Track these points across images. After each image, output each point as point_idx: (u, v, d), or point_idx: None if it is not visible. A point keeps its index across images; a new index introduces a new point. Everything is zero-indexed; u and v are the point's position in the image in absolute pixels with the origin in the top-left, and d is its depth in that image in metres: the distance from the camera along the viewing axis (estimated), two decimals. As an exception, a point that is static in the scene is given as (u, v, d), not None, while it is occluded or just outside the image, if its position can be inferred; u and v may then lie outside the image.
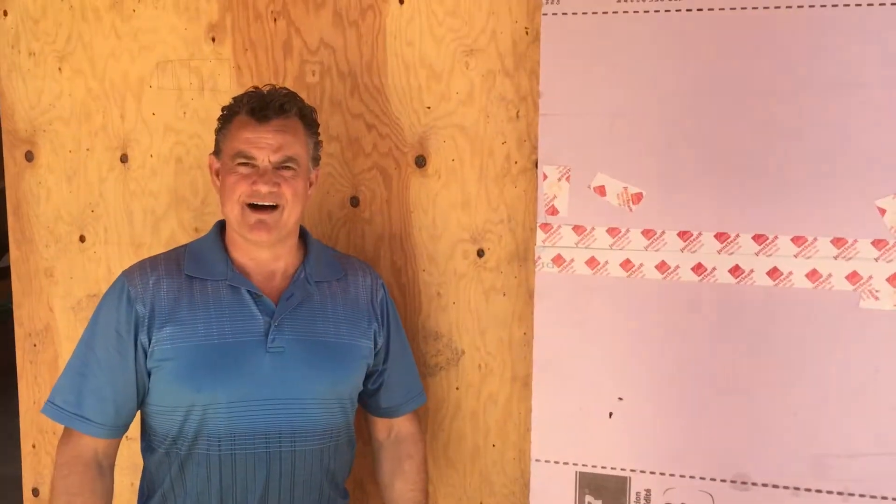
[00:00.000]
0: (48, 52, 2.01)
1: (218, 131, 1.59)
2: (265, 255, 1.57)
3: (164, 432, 1.53)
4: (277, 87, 1.56)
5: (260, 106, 1.52)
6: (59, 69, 2.01)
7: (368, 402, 1.71)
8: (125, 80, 1.97)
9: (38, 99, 2.03)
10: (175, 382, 1.49)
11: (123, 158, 1.99)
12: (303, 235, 1.65)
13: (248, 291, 1.54)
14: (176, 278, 1.54)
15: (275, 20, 1.87)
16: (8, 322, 5.08)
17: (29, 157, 2.05)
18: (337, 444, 1.60)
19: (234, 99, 1.58)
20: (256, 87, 1.57)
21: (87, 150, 2.01)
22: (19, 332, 2.12)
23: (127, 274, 1.57)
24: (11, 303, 5.28)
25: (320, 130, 1.64)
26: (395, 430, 1.75)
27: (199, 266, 1.56)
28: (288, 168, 1.53)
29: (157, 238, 1.99)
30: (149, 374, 1.52)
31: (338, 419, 1.59)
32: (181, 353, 1.49)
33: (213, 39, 1.91)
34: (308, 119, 1.59)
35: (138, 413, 1.59)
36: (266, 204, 1.50)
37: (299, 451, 1.54)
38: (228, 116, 1.57)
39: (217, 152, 1.59)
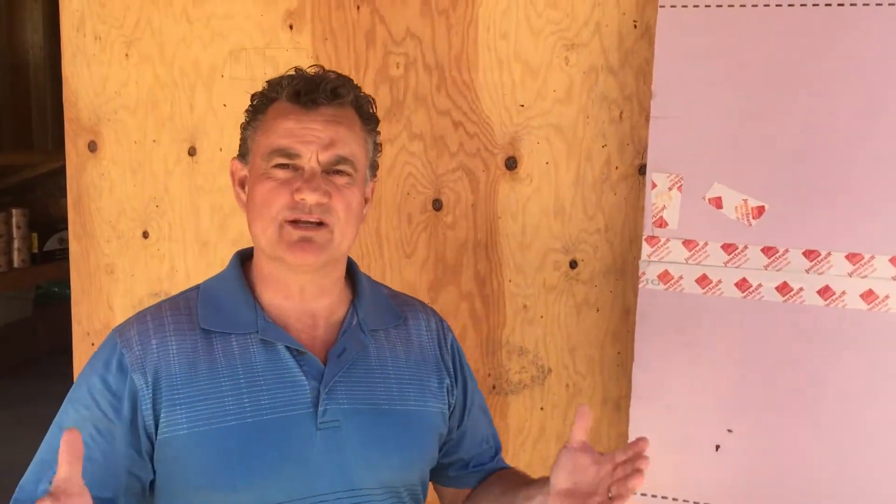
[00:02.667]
0: (115, 36, 1.90)
1: (245, 126, 1.21)
2: (309, 287, 1.18)
3: None
4: (326, 69, 1.20)
5: (307, 88, 1.14)
6: (126, 55, 1.90)
7: (445, 473, 1.34)
8: (196, 69, 1.85)
9: (102, 86, 1.92)
10: (198, 480, 1.10)
11: (191, 151, 1.88)
12: (349, 269, 1.26)
13: (287, 347, 1.15)
14: (189, 335, 1.15)
15: (358, 7, 1.74)
16: (49, 305, 5.08)
17: (92, 147, 1.95)
18: None
19: (270, 82, 1.19)
20: (298, 69, 1.19)
21: (154, 141, 1.90)
22: (77, 331, 2.02)
23: (120, 332, 1.16)
24: (55, 286, 5.23)
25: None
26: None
27: (218, 315, 1.17)
28: (341, 173, 1.14)
29: (224, 236, 1.88)
30: (154, 469, 1.13)
31: None
32: (205, 441, 1.09)
33: (291, 27, 1.79)
34: (365, 112, 1.20)
35: None
36: (311, 220, 1.12)
37: None
38: (261, 105, 1.18)
39: (243, 155, 1.21)
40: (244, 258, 1.24)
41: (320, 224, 1.12)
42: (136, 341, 1.13)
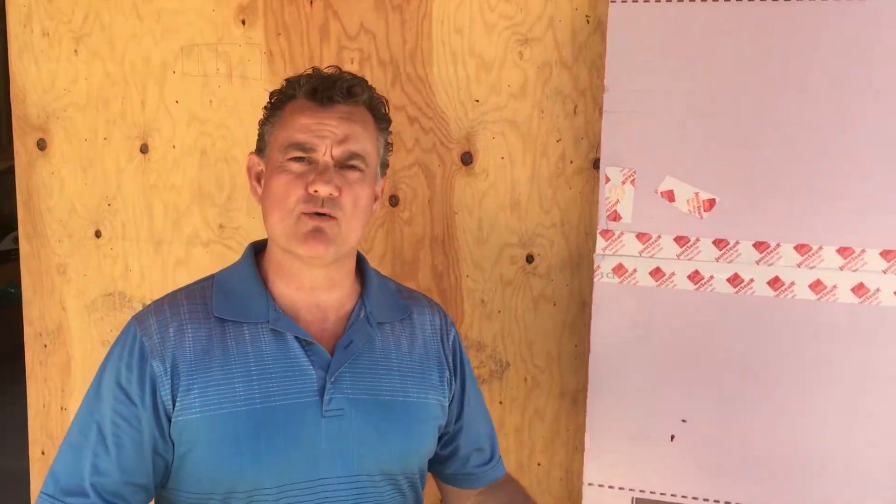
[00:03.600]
0: (63, 32, 1.87)
1: (263, 122, 1.25)
2: (319, 279, 1.22)
3: None
4: (342, 69, 1.25)
5: (324, 86, 1.20)
6: (75, 51, 1.86)
7: (442, 469, 1.39)
8: (147, 65, 1.83)
9: (51, 83, 1.89)
10: (208, 462, 1.15)
11: (143, 149, 1.86)
12: (359, 263, 1.31)
13: (296, 338, 1.20)
14: (203, 323, 1.19)
15: (311, 2, 1.73)
16: (7, 307, 4.98)
17: (41, 145, 1.92)
18: None
19: (289, 80, 1.25)
20: (316, 68, 1.26)
21: (105, 139, 1.87)
22: (29, 332, 1.99)
23: (139, 321, 1.20)
24: (11, 287, 5.14)
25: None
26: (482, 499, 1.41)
27: (231, 304, 1.21)
28: (353, 168, 1.19)
29: (179, 234, 1.86)
30: (173, 449, 1.17)
31: (408, 498, 1.27)
32: (215, 424, 1.14)
33: (244, 22, 1.77)
34: (379, 112, 1.26)
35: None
36: (322, 212, 1.16)
37: None
38: (279, 102, 1.24)
39: (260, 150, 1.25)
40: (257, 250, 1.29)
41: (330, 217, 1.17)
42: (154, 329, 1.18)
